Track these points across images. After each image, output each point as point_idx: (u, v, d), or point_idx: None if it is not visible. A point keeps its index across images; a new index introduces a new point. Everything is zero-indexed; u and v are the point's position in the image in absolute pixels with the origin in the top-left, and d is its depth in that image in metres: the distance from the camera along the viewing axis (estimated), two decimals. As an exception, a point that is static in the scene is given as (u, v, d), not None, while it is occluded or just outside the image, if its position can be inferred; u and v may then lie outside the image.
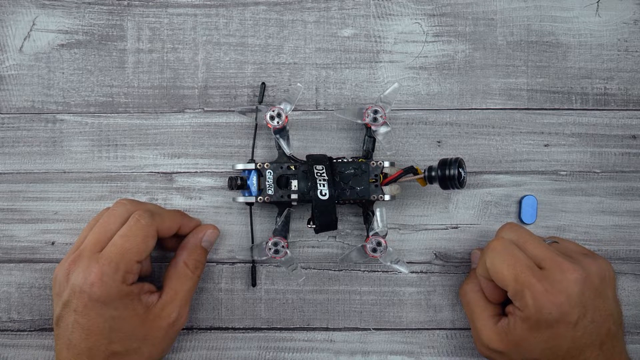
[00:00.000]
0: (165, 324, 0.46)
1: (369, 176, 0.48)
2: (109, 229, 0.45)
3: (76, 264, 0.44)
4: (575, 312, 0.41)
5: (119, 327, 0.44)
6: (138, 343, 0.45)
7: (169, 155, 0.52)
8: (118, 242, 0.44)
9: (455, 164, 0.45)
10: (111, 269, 0.43)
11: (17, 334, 0.52)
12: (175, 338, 0.48)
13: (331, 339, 0.52)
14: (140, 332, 0.45)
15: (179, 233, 0.49)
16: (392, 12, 0.52)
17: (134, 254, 0.44)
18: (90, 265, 0.43)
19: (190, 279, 0.48)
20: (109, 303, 0.43)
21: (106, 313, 0.43)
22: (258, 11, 0.52)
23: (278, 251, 0.48)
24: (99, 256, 0.44)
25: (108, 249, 0.44)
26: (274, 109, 0.48)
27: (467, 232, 0.52)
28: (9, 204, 0.52)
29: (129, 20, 0.52)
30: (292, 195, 0.48)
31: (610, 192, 0.52)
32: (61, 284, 0.44)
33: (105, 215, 0.46)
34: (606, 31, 0.52)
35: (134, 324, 0.44)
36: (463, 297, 0.49)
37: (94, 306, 0.43)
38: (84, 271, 0.43)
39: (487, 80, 0.52)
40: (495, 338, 0.44)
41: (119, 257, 0.44)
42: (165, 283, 0.47)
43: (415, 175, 0.47)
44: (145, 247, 0.45)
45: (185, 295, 0.47)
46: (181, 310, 0.47)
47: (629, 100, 0.52)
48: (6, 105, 0.52)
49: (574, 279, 0.41)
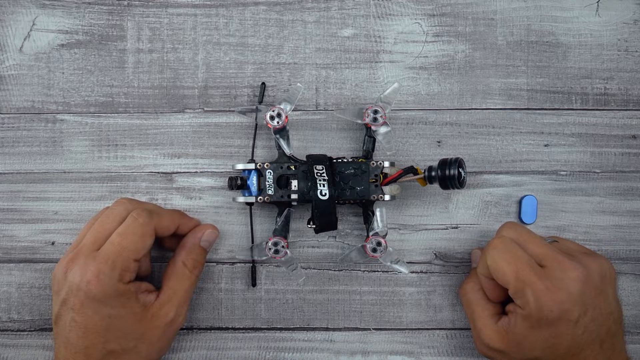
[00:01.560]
0: (163, 323, 0.46)
1: (369, 176, 0.48)
2: (107, 228, 0.45)
3: (74, 262, 0.44)
4: (575, 310, 0.41)
5: (115, 325, 0.44)
6: (135, 342, 0.45)
7: (169, 155, 0.52)
8: (115, 241, 0.44)
9: (455, 164, 0.45)
10: (108, 267, 0.43)
11: (17, 334, 0.52)
12: (173, 338, 0.48)
13: (331, 339, 0.52)
14: (137, 331, 0.45)
15: (178, 232, 0.49)
16: (392, 12, 0.52)
17: (131, 252, 0.44)
18: (88, 263, 0.43)
19: (189, 278, 0.48)
20: (105, 301, 0.43)
21: (103, 311, 0.43)
22: (258, 11, 0.52)
23: (278, 251, 0.48)
24: (96, 254, 0.44)
25: (106, 247, 0.44)
26: (274, 108, 0.48)
27: (467, 232, 0.52)
28: (9, 204, 0.52)
29: (129, 20, 0.52)
30: (292, 195, 0.48)
31: (610, 192, 0.52)
32: (59, 282, 0.44)
33: (104, 214, 0.46)
34: (606, 31, 0.52)
35: (131, 322, 0.44)
36: (463, 296, 0.49)
37: (91, 304, 0.43)
38: (81, 269, 0.43)
39: (487, 80, 0.52)
40: (495, 337, 0.44)
41: (116, 255, 0.44)
42: (164, 282, 0.47)
43: (415, 175, 0.47)
44: (143, 246, 0.45)
45: (184, 294, 0.47)
46: (179, 310, 0.47)
47: (629, 100, 0.52)
48: (6, 105, 0.52)
49: (575, 277, 0.41)
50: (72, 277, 0.43)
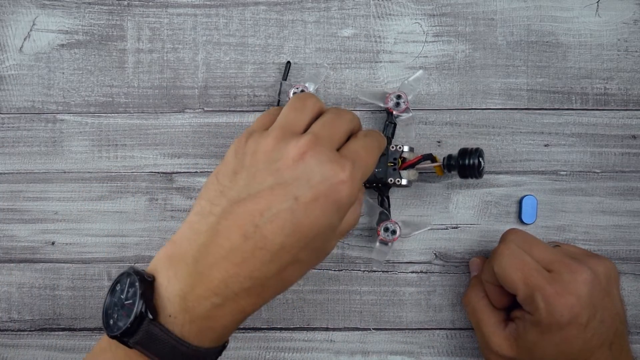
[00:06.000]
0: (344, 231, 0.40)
1: (388, 159, 0.48)
2: (342, 130, 0.40)
3: (314, 150, 0.36)
4: (585, 313, 0.41)
5: (323, 235, 0.37)
6: (322, 256, 0.39)
7: (169, 155, 0.52)
8: (362, 153, 0.39)
9: (475, 153, 0.46)
10: (360, 175, 0.38)
11: (17, 334, 0.52)
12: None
13: (331, 339, 0.52)
14: (330, 243, 0.39)
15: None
16: (392, 12, 0.52)
17: (370, 170, 0.40)
18: (341, 162, 0.37)
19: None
20: (339, 208, 0.37)
21: (330, 218, 0.37)
22: (258, 11, 0.52)
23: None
24: (347, 156, 0.38)
25: (354, 153, 0.39)
26: (299, 86, 0.48)
27: (467, 232, 0.52)
28: (9, 204, 0.52)
29: (129, 20, 0.52)
30: None
31: (610, 192, 0.52)
32: (280, 161, 0.36)
33: (334, 113, 0.40)
34: (606, 31, 0.52)
35: (332, 236, 0.39)
36: (467, 305, 0.48)
37: (325, 205, 0.36)
38: (333, 165, 0.36)
39: (487, 80, 0.52)
40: (505, 344, 0.44)
41: (366, 168, 0.39)
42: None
43: (433, 162, 0.47)
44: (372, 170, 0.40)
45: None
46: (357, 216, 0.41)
47: (629, 100, 0.52)
48: (6, 105, 0.52)
49: (583, 279, 0.41)
50: (316, 167, 0.36)
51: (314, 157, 0.36)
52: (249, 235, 0.35)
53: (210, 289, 0.36)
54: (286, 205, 0.35)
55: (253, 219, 0.35)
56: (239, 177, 0.37)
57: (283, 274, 0.37)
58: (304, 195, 0.36)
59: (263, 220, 0.35)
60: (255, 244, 0.35)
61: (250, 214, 0.36)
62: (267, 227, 0.35)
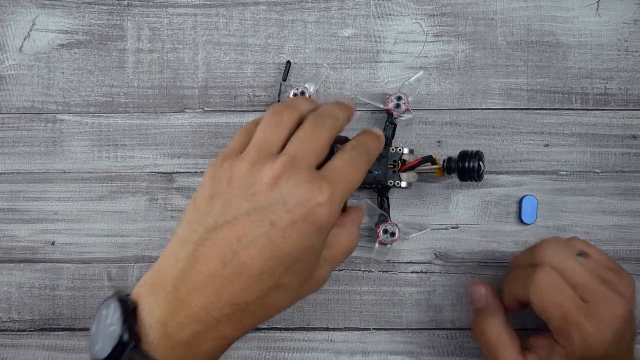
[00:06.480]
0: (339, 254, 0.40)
1: (388, 162, 0.48)
2: (323, 144, 0.38)
3: (291, 173, 0.36)
4: (616, 345, 0.41)
5: (306, 259, 0.37)
6: (304, 280, 0.38)
7: (169, 155, 0.52)
8: (344, 169, 0.38)
9: (475, 156, 0.46)
10: (339, 196, 0.37)
11: (17, 334, 0.52)
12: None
13: (331, 339, 0.52)
14: (313, 267, 0.38)
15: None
16: (392, 12, 0.52)
17: (354, 187, 0.39)
18: (319, 183, 0.36)
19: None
20: (320, 231, 0.36)
21: (309, 240, 0.36)
22: (258, 11, 0.52)
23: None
24: (325, 176, 0.37)
25: (332, 173, 0.38)
26: (298, 87, 0.48)
27: (467, 232, 0.52)
28: (9, 204, 0.52)
29: (129, 20, 0.52)
30: None
31: (610, 192, 0.52)
32: (255, 186, 0.36)
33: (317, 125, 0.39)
34: (606, 31, 0.52)
35: (316, 258, 0.38)
36: (481, 335, 0.46)
37: (304, 228, 0.35)
38: (311, 186, 0.36)
39: (487, 80, 0.52)
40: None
41: (348, 185, 0.38)
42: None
43: (433, 165, 0.47)
44: (357, 186, 0.39)
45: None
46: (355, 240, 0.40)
47: (629, 100, 0.52)
48: (6, 105, 0.52)
49: (619, 314, 0.41)
50: (292, 190, 0.35)
51: (289, 180, 0.36)
52: (227, 261, 0.35)
53: (190, 316, 0.35)
54: (263, 231, 0.35)
55: (231, 245, 0.35)
56: (215, 201, 0.37)
57: (266, 300, 0.37)
58: (280, 220, 0.35)
59: (240, 246, 0.35)
60: (233, 269, 0.35)
61: (227, 240, 0.35)
62: (245, 252, 0.35)
